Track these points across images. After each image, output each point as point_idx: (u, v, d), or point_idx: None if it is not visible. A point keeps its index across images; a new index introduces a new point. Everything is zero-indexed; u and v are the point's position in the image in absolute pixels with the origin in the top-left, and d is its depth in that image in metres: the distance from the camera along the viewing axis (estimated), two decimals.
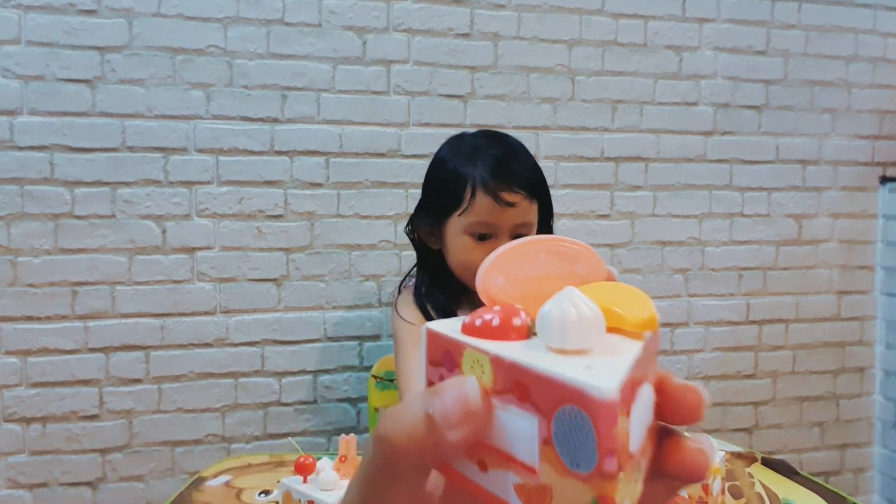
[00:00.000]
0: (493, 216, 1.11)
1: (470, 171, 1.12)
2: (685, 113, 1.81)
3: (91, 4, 1.47)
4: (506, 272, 0.27)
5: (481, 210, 1.11)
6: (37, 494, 1.50)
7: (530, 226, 1.15)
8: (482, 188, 1.10)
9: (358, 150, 1.62)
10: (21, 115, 1.46)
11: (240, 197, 1.56)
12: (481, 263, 0.27)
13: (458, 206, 1.13)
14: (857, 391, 1.98)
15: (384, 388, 1.51)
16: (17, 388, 1.48)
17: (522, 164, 1.15)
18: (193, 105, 1.53)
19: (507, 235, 1.12)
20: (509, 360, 0.22)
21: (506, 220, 1.11)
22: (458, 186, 1.13)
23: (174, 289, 1.54)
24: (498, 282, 0.26)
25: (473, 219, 1.12)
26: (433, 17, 1.64)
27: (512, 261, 0.27)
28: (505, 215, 1.11)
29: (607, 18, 1.75)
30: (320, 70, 1.59)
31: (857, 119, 1.94)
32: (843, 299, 1.95)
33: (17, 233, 1.47)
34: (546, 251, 0.28)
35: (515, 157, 1.16)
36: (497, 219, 1.11)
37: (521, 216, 1.12)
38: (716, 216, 1.85)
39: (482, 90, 1.68)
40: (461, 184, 1.12)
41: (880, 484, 2.00)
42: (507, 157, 1.15)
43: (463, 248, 1.14)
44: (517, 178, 1.12)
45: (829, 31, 1.90)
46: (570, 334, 0.23)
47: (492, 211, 1.10)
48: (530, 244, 0.28)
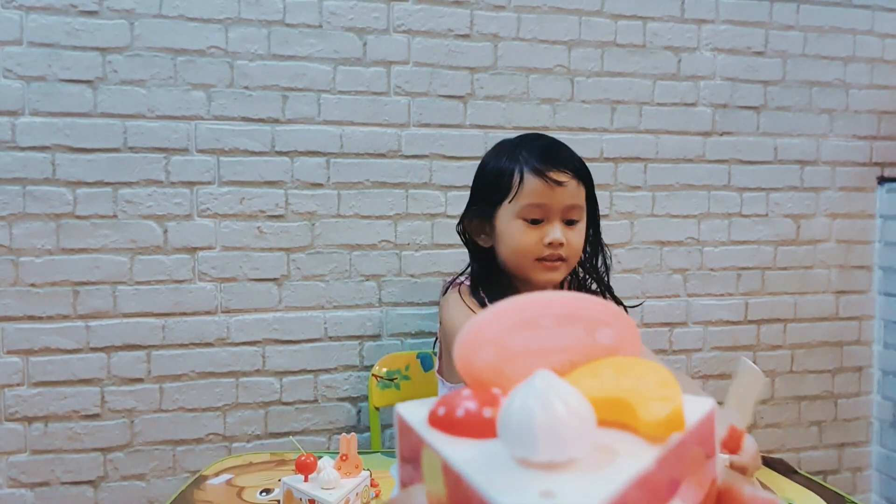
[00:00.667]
0: (544, 197, 1.11)
1: (515, 162, 1.14)
2: (684, 113, 1.82)
3: (92, 5, 1.47)
4: (497, 342, 0.20)
5: (531, 192, 1.12)
6: (38, 493, 1.50)
7: (580, 209, 1.15)
8: (530, 171, 1.12)
9: (358, 151, 1.62)
10: (23, 115, 1.46)
11: (241, 197, 1.57)
12: (531, 246, 0.21)
13: (507, 194, 1.14)
14: (856, 390, 1.99)
15: (385, 387, 1.52)
16: (18, 387, 1.49)
17: (565, 149, 1.18)
18: (194, 105, 1.53)
19: (559, 218, 1.13)
20: (456, 470, 0.17)
21: (556, 200, 1.12)
22: (506, 177, 1.14)
23: (175, 289, 1.54)
24: (484, 355, 0.20)
25: (524, 202, 1.12)
26: (433, 18, 1.65)
27: (507, 326, 0.20)
28: (555, 195, 1.11)
29: (606, 19, 1.75)
30: (321, 71, 1.59)
31: (855, 119, 1.94)
32: (842, 299, 1.96)
33: (19, 233, 1.47)
34: (554, 315, 0.20)
35: (559, 144, 1.19)
36: (548, 199, 1.12)
37: (571, 197, 1.13)
38: (714, 216, 1.86)
39: (482, 91, 1.68)
40: (508, 174, 1.14)
41: (878, 483, 2.00)
42: (550, 144, 1.18)
43: (516, 233, 1.13)
44: (563, 159, 1.14)
45: (827, 31, 1.90)
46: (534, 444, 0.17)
47: (542, 192, 1.11)
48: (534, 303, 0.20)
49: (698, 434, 0.18)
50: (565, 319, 0.20)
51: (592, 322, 0.21)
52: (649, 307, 1.82)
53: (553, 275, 1.15)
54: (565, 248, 1.12)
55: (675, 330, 1.85)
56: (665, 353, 1.84)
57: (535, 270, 1.15)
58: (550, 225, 1.12)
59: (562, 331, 0.20)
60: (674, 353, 1.85)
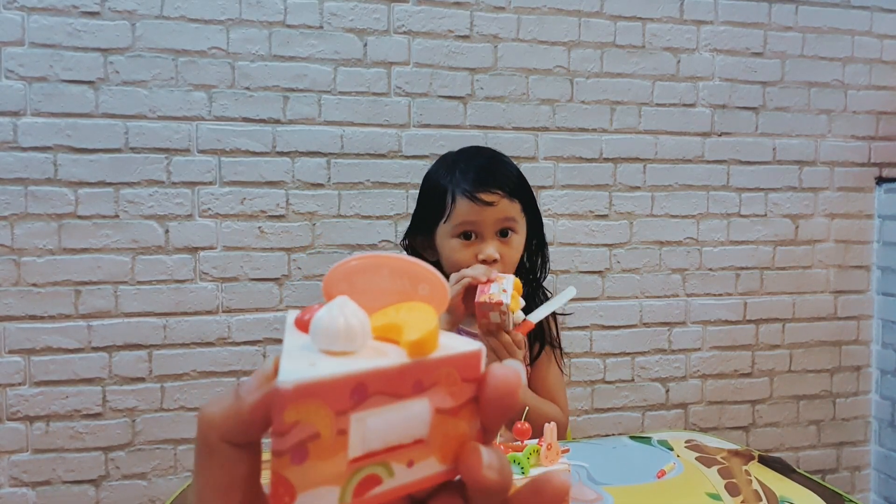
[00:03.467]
0: (474, 215, 1.17)
1: (449, 181, 1.20)
2: (683, 114, 1.83)
3: (94, 6, 1.48)
4: (350, 280, 0.28)
5: (462, 212, 1.17)
6: (40, 492, 1.51)
7: (514, 220, 1.20)
8: (461, 193, 1.18)
9: (359, 151, 1.63)
10: (25, 115, 1.47)
11: (242, 197, 1.57)
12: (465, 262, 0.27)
13: (442, 215, 1.20)
14: (854, 390, 2.00)
15: None
16: (20, 386, 1.49)
17: (499, 168, 1.23)
18: (196, 106, 1.54)
19: (492, 233, 1.18)
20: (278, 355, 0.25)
21: (487, 217, 1.17)
22: (440, 196, 1.20)
23: (177, 288, 1.55)
24: (340, 287, 0.28)
25: (457, 221, 1.18)
26: (433, 19, 1.65)
27: (357, 271, 0.28)
28: (485, 213, 1.17)
29: (606, 20, 1.76)
30: (322, 71, 1.60)
31: (853, 120, 1.95)
32: (840, 299, 1.97)
33: (21, 233, 1.48)
34: (390, 268, 0.29)
35: (493, 163, 1.24)
36: (479, 217, 1.17)
37: (503, 212, 1.18)
38: (713, 216, 1.87)
39: (482, 91, 1.69)
40: (441, 194, 1.20)
41: (876, 482, 2.01)
42: (484, 164, 1.22)
43: (451, 251, 1.19)
44: (494, 180, 1.19)
45: (825, 32, 1.91)
46: (322, 335, 0.24)
47: (473, 212, 1.17)
48: (376, 258, 0.29)
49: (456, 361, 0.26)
50: (398, 272, 0.29)
51: (416, 277, 0.29)
52: (648, 307, 1.83)
53: None
54: (499, 263, 1.17)
55: (673, 329, 1.85)
56: (664, 353, 1.85)
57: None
58: (484, 242, 1.18)
59: (393, 279, 0.29)
60: (672, 352, 1.86)
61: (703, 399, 1.89)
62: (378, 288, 0.28)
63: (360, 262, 0.28)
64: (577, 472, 0.98)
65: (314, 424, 0.23)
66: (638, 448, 1.11)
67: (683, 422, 1.87)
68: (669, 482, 0.97)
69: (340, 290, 0.27)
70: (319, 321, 0.25)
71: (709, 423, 1.88)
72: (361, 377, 0.24)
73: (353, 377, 0.23)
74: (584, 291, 1.78)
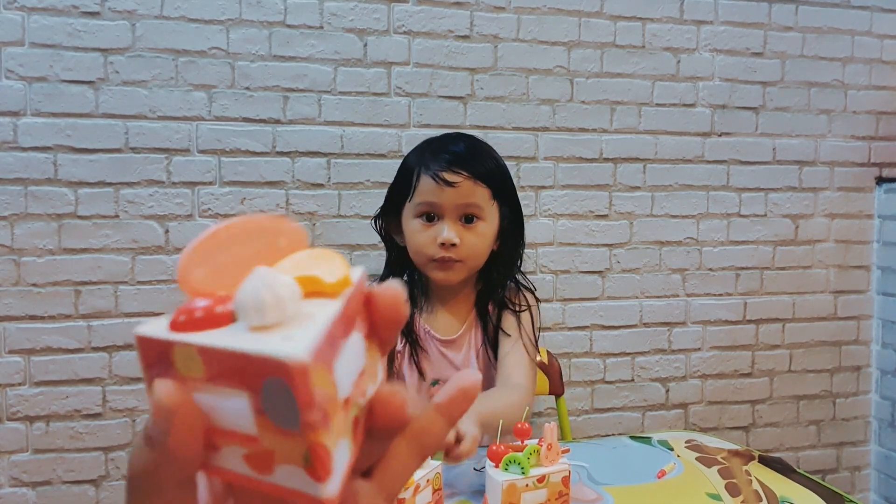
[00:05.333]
0: (435, 195, 1.13)
1: (418, 161, 1.17)
2: (683, 114, 1.83)
3: (94, 6, 1.48)
4: (207, 263, 0.27)
5: (424, 191, 1.14)
6: (40, 493, 1.51)
7: (478, 207, 1.15)
8: (423, 170, 1.15)
9: (359, 151, 1.63)
10: (25, 115, 1.47)
11: (242, 197, 1.57)
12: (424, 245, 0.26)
13: (407, 193, 1.16)
14: (854, 390, 2.00)
15: None
16: (20, 386, 1.49)
17: (473, 153, 1.17)
18: (196, 106, 1.54)
19: (455, 215, 1.14)
20: (212, 346, 0.23)
21: (448, 199, 1.13)
22: (407, 175, 1.17)
23: (177, 288, 1.55)
24: (198, 274, 0.26)
25: (418, 199, 1.15)
26: (433, 20, 1.65)
27: (211, 250, 0.27)
28: (446, 195, 1.13)
29: (606, 20, 1.76)
30: (322, 71, 1.60)
31: (853, 120, 1.95)
32: (840, 299, 1.97)
33: (21, 233, 1.48)
34: (242, 232, 0.28)
35: (468, 149, 1.18)
36: (439, 198, 1.13)
37: (465, 196, 1.14)
38: (713, 216, 1.87)
39: (482, 91, 1.69)
40: (409, 172, 1.17)
41: (876, 482, 2.01)
42: (456, 148, 1.17)
43: (413, 232, 1.17)
44: (459, 161, 1.14)
45: (825, 32, 1.91)
46: (265, 311, 0.24)
47: (433, 191, 1.13)
48: (224, 229, 0.28)
49: (359, 287, 0.27)
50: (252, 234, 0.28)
51: (271, 231, 0.29)
52: (648, 307, 1.83)
53: (447, 274, 1.17)
54: (459, 248, 1.13)
55: (673, 329, 1.85)
56: (664, 353, 1.85)
57: (430, 269, 1.17)
58: (444, 222, 1.14)
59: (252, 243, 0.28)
60: (672, 352, 1.86)
61: (703, 399, 1.89)
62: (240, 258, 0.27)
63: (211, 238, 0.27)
64: (578, 472, 0.98)
65: (324, 386, 0.23)
66: (638, 448, 1.11)
67: (683, 422, 1.87)
68: (669, 482, 0.97)
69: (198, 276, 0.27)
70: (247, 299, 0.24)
71: (709, 424, 1.88)
72: (330, 328, 0.24)
73: (328, 329, 0.24)
74: (584, 291, 1.79)
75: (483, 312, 1.24)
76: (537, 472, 0.83)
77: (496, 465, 0.83)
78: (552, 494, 0.84)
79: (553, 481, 0.84)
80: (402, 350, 1.22)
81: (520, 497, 0.82)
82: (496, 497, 0.81)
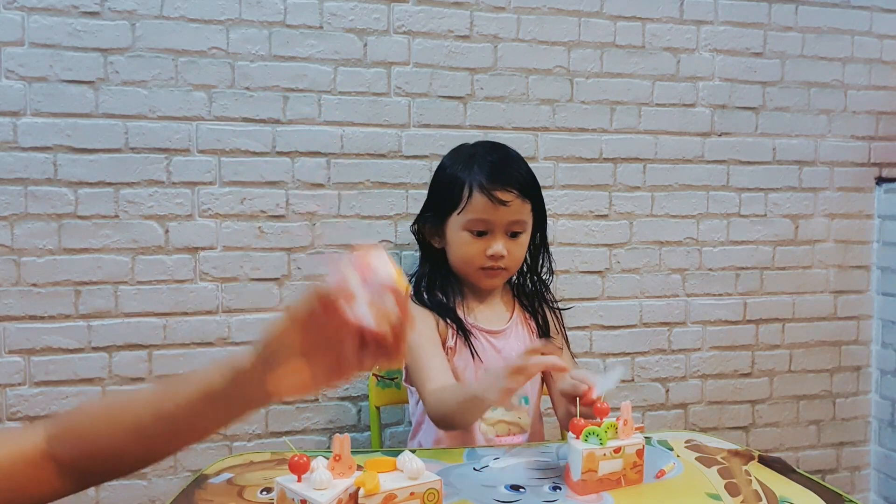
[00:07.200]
0: (488, 213, 1.23)
1: (467, 175, 1.26)
2: (683, 114, 1.83)
3: (94, 6, 1.48)
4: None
5: (477, 208, 1.24)
6: None
7: (524, 223, 1.28)
8: (478, 188, 1.23)
9: (359, 151, 1.63)
10: (24, 115, 1.47)
11: (242, 197, 1.57)
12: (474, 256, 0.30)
13: (457, 206, 1.25)
14: (854, 390, 2.00)
15: (385, 386, 1.52)
16: (20, 386, 1.49)
17: (516, 167, 1.29)
18: (196, 106, 1.54)
19: (502, 231, 1.25)
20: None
21: (500, 217, 1.24)
22: (457, 188, 1.26)
23: (177, 288, 1.55)
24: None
25: (471, 216, 1.24)
26: (433, 19, 1.65)
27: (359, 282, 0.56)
28: (499, 213, 1.23)
29: (606, 20, 1.76)
30: (321, 71, 1.60)
31: (853, 120, 1.95)
32: (840, 299, 1.97)
33: (21, 233, 1.48)
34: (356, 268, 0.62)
35: (509, 161, 1.30)
36: (492, 215, 1.23)
37: (515, 214, 1.25)
38: (713, 216, 1.87)
39: (482, 91, 1.69)
40: (459, 185, 1.26)
41: (876, 482, 2.01)
42: (501, 161, 1.29)
43: (462, 243, 1.26)
44: (510, 179, 1.25)
45: (825, 32, 1.91)
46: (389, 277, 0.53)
47: (487, 209, 1.23)
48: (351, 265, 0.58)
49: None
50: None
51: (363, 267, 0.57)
52: (648, 307, 1.83)
53: (493, 281, 1.31)
54: (506, 259, 1.25)
55: (673, 329, 1.85)
56: (664, 353, 1.85)
57: (477, 277, 1.29)
58: (494, 238, 1.25)
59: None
60: (672, 352, 1.86)
61: (703, 399, 1.89)
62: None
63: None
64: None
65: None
66: None
67: (683, 422, 1.87)
68: (669, 482, 0.97)
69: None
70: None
71: (709, 423, 1.88)
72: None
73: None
74: (584, 291, 1.79)
75: (523, 305, 1.38)
76: (614, 444, 0.92)
77: (577, 436, 0.93)
78: (627, 464, 0.93)
79: (628, 452, 0.93)
80: (453, 346, 1.29)
81: (598, 464, 0.91)
82: (577, 464, 0.91)
